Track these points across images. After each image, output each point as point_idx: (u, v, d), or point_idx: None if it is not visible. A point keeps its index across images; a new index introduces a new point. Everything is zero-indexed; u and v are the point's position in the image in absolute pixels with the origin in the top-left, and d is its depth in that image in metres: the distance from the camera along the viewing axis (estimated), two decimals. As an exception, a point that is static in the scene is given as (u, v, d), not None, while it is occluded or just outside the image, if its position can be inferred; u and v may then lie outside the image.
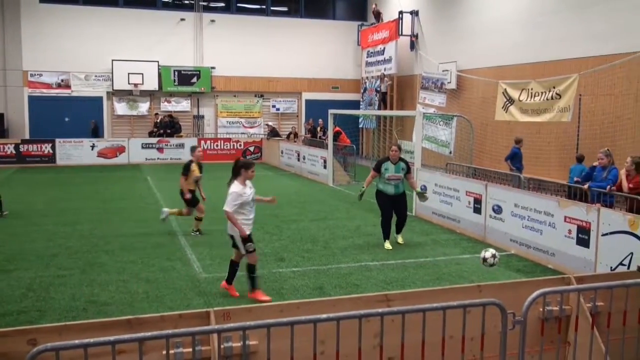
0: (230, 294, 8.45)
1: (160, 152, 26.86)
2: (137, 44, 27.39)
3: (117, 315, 7.19)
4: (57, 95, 27.04)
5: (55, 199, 16.88)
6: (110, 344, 3.93)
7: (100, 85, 27.57)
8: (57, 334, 4.23)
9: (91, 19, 27.03)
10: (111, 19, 27.26)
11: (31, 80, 26.74)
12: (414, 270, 9.84)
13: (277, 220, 13.85)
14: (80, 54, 26.84)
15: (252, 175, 8.23)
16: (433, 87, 23.02)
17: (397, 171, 11.24)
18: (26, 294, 8.48)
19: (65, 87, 27.19)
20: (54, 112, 26.54)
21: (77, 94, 27.29)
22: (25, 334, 4.26)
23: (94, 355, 3.94)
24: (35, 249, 11.03)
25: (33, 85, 26.80)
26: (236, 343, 4.40)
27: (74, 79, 27.21)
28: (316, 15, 30.37)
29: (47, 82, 26.95)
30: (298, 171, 23.13)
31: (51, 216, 14.25)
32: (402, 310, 4.36)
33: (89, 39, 26.91)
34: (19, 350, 4.01)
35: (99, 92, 27.64)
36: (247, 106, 29.74)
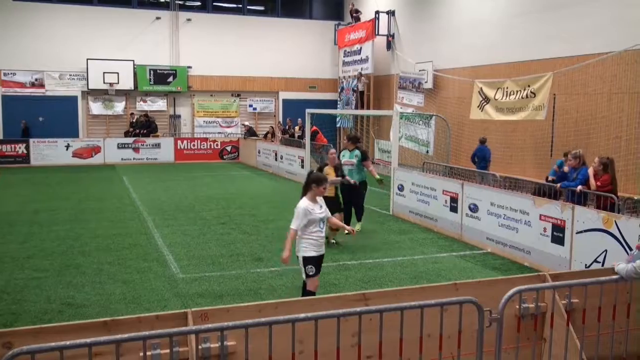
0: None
1: (136, 152, 26.64)
2: (112, 43, 27.09)
3: (94, 317, 7.14)
4: (30, 94, 26.66)
5: (30, 199, 16.66)
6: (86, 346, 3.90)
7: (75, 85, 27.23)
8: (33, 336, 4.19)
9: (66, 17, 26.69)
10: (86, 17, 26.93)
11: (4, 79, 26.30)
12: (392, 268, 9.90)
13: (254, 220, 13.83)
14: (55, 53, 26.48)
15: (323, 192, 7.45)
16: (410, 87, 23.12)
17: (350, 157, 12.33)
18: (0, 297, 8.36)
19: (39, 86, 26.81)
20: (28, 112, 26.16)
21: (52, 94, 26.91)
22: (1, 337, 4.21)
23: (71, 358, 3.91)
24: (9, 250, 10.88)
25: (6, 84, 26.38)
26: (214, 344, 4.39)
27: (48, 78, 26.85)
28: (293, 14, 30.34)
29: (21, 81, 26.54)
30: (276, 171, 23.11)
31: (25, 217, 14.06)
32: (380, 309, 4.39)
33: (63, 37, 26.56)
34: (-6, 353, 3.97)
35: (73, 91, 27.28)
36: (223, 105, 29.61)
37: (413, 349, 4.57)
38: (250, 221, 13.64)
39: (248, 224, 13.30)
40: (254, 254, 10.73)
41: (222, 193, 17.90)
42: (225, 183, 20.47)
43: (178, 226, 13.07)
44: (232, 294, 8.52)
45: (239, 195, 17.55)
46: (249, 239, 11.90)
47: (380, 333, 4.36)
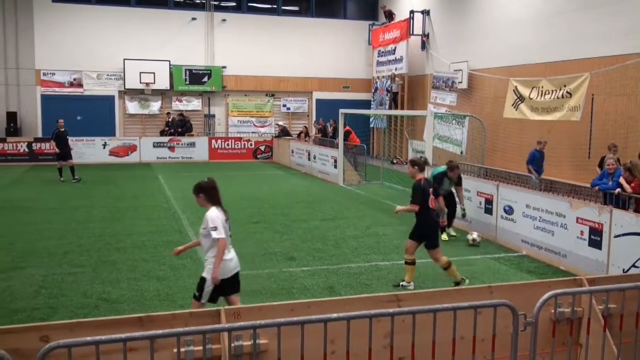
0: None
1: (172, 151, 26.95)
2: (149, 43, 27.47)
3: (129, 312, 7.23)
4: (69, 94, 27.18)
5: (68, 197, 16.96)
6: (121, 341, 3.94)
7: (112, 84, 27.68)
8: (69, 330, 4.26)
9: (104, 18, 27.15)
10: (123, 18, 27.38)
11: (44, 79, 26.90)
12: (425, 270, 9.81)
13: (287, 219, 13.86)
14: (93, 53, 26.96)
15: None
16: (444, 87, 22.95)
17: (450, 185, 12.00)
18: (39, 291, 8.53)
19: (78, 86, 27.32)
20: (67, 111, 26.64)
21: (89, 93, 27.42)
22: (38, 331, 4.29)
23: (106, 352, 3.95)
24: (48, 246, 11.09)
25: (46, 84, 26.95)
26: (247, 342, 4.39)
27: (86, 78, 27.34)
28: (327, 14, 30.36)
29: (60, 81, 27.10)
30: (308, 170, 23.13)
31: (63, 214, 14.32)
32: (413, 311, 4.35)
33: (101, 38, 27.03)
34: (32, 346, 4.04)
35: (111, 91, 27.75)
36: (257, 105, 29.77)
37: (446, 352, 4.51)
38: (282, 220, 13.67)
39: (281, 223, 13.33)
40: (286, 253, 10.75)
41: (255, 192, 17.98)
42: (258, 182, 20.56)
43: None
44: (264, 292, 8.54)
45: (272, 195, 17.60)
46: (281, 238, 11.93)
47: (412, 335, 4.32)
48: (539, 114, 17.10)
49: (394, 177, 20.26)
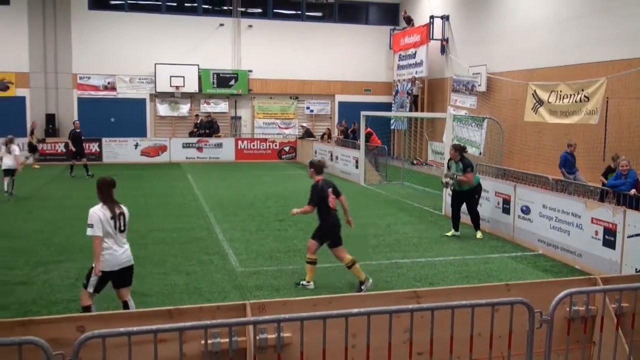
0: None
1: (200, 152, 27.14)
2: (178, 48, 27.67)
3: (158, 305, 7.29)
4: (104, 97, 27.51)
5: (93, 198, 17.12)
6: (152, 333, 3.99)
7: (144, 88, 27.95)
8: (103, 321, 4.33)
9: (136, 25, 27.44)
10: (155, 25, 27.63)
11: (80, 82, 27.25)
12: (443, 268, 9.78)
13: (310, 217, 13.81)
14: (126, 58, 27.26)
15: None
16: (464, 90, 22.80)
17: (457, 170, 11.87)
18: (75, 284, 8.65)
19: (112, 89, 27.63)
20: (101, 113, 26.99)
21: (123, 96, 27.72)
22: (75, 321, 4.36)
23: (137, 343, 4.00)
24: (82, 241, 11.19)
25: (82, 87, 27.31)
26: (271, 335, 4.42)
27: (120, 82, 27.65)
28: (349, 20, 30.31)
29: (95, 85, 27.43)
30: (331, 170, 23.10)
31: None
32: (432, 307, 4.34)
33: (134, 43, 27.32)
34: (69, 336, 4.10)
35: (142, 94, 28.03)
36: (282, 108, 29.84)
37: (463, 348, 4.50)
38: (306, 218, 13.57)
39: (304, 221, 13.29)
40: (309, 250, 10.75)
41: (280, 191, 18.03)
42: (283, 182, 20.61)
43: (238, 222, 13.24)
44: (288, 287, 8.58)
45: (295, 194, 17.61)
46: (305, 236, 11.91)
47: (431, 330, 4.31)
48: (558, 118, 16.92)
49: (414, 177, 20.19)
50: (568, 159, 15.15)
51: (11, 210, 14.61)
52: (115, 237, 6.57)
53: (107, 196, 6.62)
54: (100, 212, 6.54)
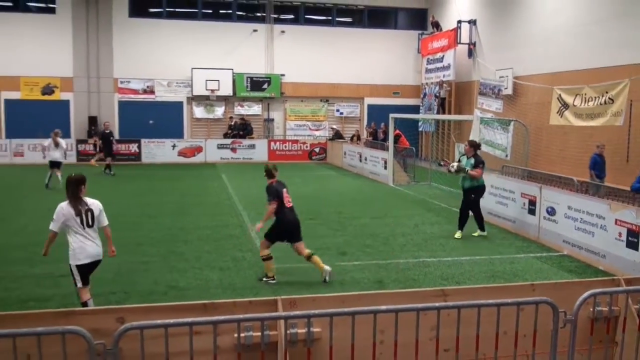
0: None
1: (234, 152, 27.35)
2: (214, 53, 27.93)
3: (194, 299, 7.36)
4: (143, 100, 27.91)
5: (141, 193, 17.41)
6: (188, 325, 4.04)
7: (181, 91, 28.27)
8: (142, 314, 4.39)
9: (174, 32, 27.76)
10: (191, 31, 27.92)
11: (120, 86, 27.69)
12: (470, 267, 9.68)
13: (340, 216, 13.87)
14: (164, 63, 27.61)
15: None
16: (490, 93, 22.55)
17: (467, 164, 11.72)
18: (115, 278, 8.79)
19: (150, 92, 28.02)
20: (140, 115, 27.37)
21: (161, 99, 28.09)
22: (115, 313, 4.43)
23: (173, 335, 4.05)
24: (122, 237, 11.34)
25: (122, 91, 27.75)
26: (301, 329, 4.43)
27: (158, 86, 28.01)
28: (379, 25, 30.21)
29: (135, 89, 27.85)
30: (360, 171, 23.09)
31: (137, 209, 14.70)
32: (458, 305, 4.31)
33: (171, 49, 27.65)
34: (109, 327, 4.18)
35: (179, 97, 28.35)
36: (313, 110, 29.90)
37: (489, 345, 4.46)
38: (336, 217, 13.68)
39: (334, 220, 13.35)
40: (339, 248, 10.76)
41: (310, 191, 18.06)
42: (313, 182, 20.64)
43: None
44: (318, 284, 8.58)
45: (326, 194, 17.66)
46: (334, 234, 11.95)
47: (457, 328, 4.28)
48: (584, 120, 16.63)
49: (442, 178, 20.02)
50: (597, 161, 14.83)
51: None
52: (83, 232, 6.65)
53: (72, 193, 6.66)
54: (65, 208, 6.61)
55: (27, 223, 12.66)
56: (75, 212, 6.59)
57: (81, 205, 6.64)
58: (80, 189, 6.67)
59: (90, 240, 6.69)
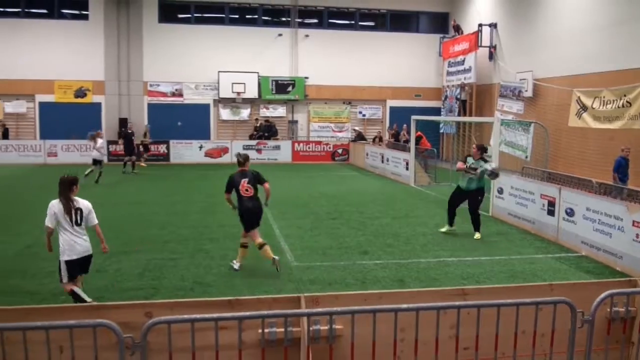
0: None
1: (259, 153, 27.46)
2: (240, 57, 28.07)
3: (219, 295, 7.42)
4: (171, 102, 28.18)
5: (169, 192, 17.56)
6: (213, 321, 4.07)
7: (208, 94, 28.48)
8: (169, 309, 4.45)
9: (201, 36, 27.99)
10: (219, 36, 28.12)
11: (150, 89, 28.01)
12: (489, 267, 9.60)
13: (361, 216, 13.85)
14: (192, 67, 27.84)
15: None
16: (511, 95, 22.33)
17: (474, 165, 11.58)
18: (143, 274, 8.90)
19: (179, 95, 28.28)
20: (169, 117, 27.63)
21: (188, 102, 28.34)
22: (143, 308, 4.49)
23: (200, 329, 4.10)
24: (150, 235, 11.53)
25: (152, 94, 28.06)
26: (324, 326, 4.45)
27: (186, 89, 28.27)
28: (401, 29, 30.09)
29: (164, 91, 28.15)
30: (382, 172, 23.03)
31: (165, 207, 14.84)
32: (478, 305, 4.29)
33: (199, 53, 27.87)
34: (137, 320, 4.23)
35: (206, 99, 28.56)
36: (336, 112, 29.89)
37: (508, 344, 4.42)
38: (357, 217, 13.66)
39: (356, 220, 13.33)
40: (360, 247, 10.74)
41: (333, 191, 18.06)
42: (336, 182, 20.64)
43: (293, 219, 13.33)
44: (340, 282, 8.57)
45: (348, 194, 17.64)
46: (356, 234, 11.94)
47: (477, 327, 4.26)
48: (602, 123, 16.39)
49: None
50: (621, 164, 14.56)
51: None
52: (71, 230, 6.83)
53: (62, 193, 6.83)
54: (56, 206, 6.81)
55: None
56: (66, 210, 6.79)
57: (71, 204, 6.83)
58: (72, 189, 6.87)
59: (79, 238, 6.89)
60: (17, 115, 27.41)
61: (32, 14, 27.46)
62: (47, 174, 22.09)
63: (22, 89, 26.99)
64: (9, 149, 25.91)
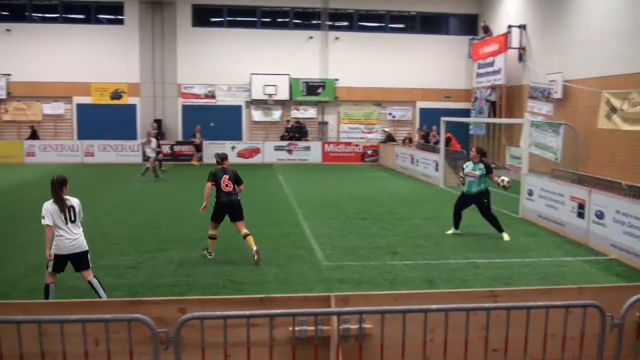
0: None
1: (290, 154, 27.59)
2: (271, 60, 28.24)
3: (251, 293, 7.48)
4: (204, 104, 28.49)
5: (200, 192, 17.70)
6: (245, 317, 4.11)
7: (240, 96, 28.71)
8: (202, 305, 4.49)
9: (234, 39, 28.23)
10: (250, 39, 28.32)
11: (184, 91, 28.36)
12: (519, 269, 9.47)
13: (391, 217, 13.79)
14: (224, 69, 28.11)
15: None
16: (540, 97, 21.99)
17: (474, 169, 11.67)
18: (177, 270, 9.03)
19: (211, 97, 28.58)
20: (202, 119, 27.92)
21: (221, 103, 28.61)
22: (177, 304, 4.55)
23: (232, 326, 4.14)
24: (185, 233, 11.68)
25: (185, 96, 28.42)
26: (353, 325, 4.44)
27: (219, 90, 28.54)
28: (430, 31, 29.89)
29: (197, 93, 28.47)
30: (412, 173, 22.90)
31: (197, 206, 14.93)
32: (508, 307, 4.24)
33: (231, 56, 28.12)
34: (172, 316, 4.30)
35: (238, 101, 28.80)
36: (366, 114, 29.83)
37: (537, 347, 4.37)
38: (387, 218, 13.61)
39: (386, 220, 13.28)
40: (390, 248, 10.70)
41: (362, 192, 18.02)
42: (365, 183, 20.60)
43: (324, 219, 13.34)
44: (369, 282, 8.56)
45: (378, 194, 17.58)
46: (386, 234, 11.90)
47: (507, 329, 4.21)
48: (631, 125, 16.05)
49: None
50: None
51: (126, 204, 15.38)
52: (65, 228, 6.98)
53: (55, 193, 7.00)
54: (51, 206, 6.98)
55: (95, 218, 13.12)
56: (60, 209, 6.97)
57: (63, 203, 7.02)
58: (62, 189, 7.04)
59: (70, 235, 7.03)
60: (55, 117, 28.07)
61: (69, 20, 28.11)
62: (84, 173, 22.56)
63: (60, 91, 27.63)
64: (47, 149, 26.58)
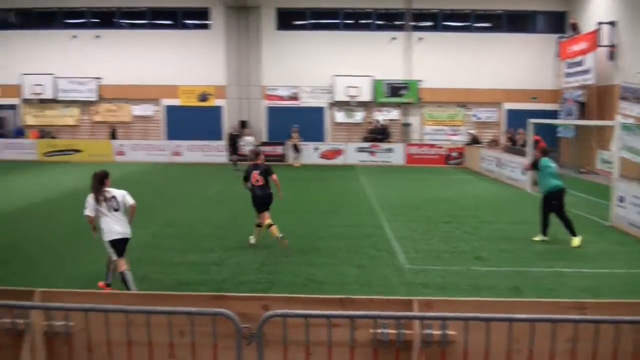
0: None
1: (372, 155, 27.51)
2: (354, 61, 28.29)
3: (331, 293, 7.49)
4: (288, 105, 28.96)
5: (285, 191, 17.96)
6: (326, 317, 4.13)
7: (323, 97, 28.96)
8: (284, 303, 4.56)
9: (317, 42, 28.53)
10: (333, 41, 28.50)
11: (268, 93, 28.96)
12: (608, 280, 8.95)
13: (475, 220, 13.44)
14: (308, 71, 28.46)
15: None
16: (631, 98, 20.72)
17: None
18: (260, 268, 9.22)
19: (295, 99, 29.01)
20: (286, 120, 28.38)
21: (304, 105, 28.98)
22: (260, 300, 4.65)
23: (313, 325, 4.17)
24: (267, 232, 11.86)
25: (270, 97, 29.01)
26: (436, 331, 4.37)
27: (302, 92, 28.93)
28: (517, 29, 28.90)
29: (281, 95, 29.00)
30: (497, 176, 22.23)
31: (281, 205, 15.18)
32: (596, 320, 4.03)
33: (314, 58, 28.43)
34: (255, 312, 4.39)
35: (321, 103, 29.06)
36: (450, 115, 29.27)
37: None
38: (471, 221, 13.26)
39: (470, 224, 12.95)
40: (474, 253, 10.42)
41: (446, 195, 17.65)
42: (449, 186, 20.18)
43: (406, 222, 13.20)
44: (453, 287, 8.37)
45: (461, 197, 17.18)
46: (470, 238, 11.60)
47: (595, 343, 4.00)
48: None
49: (581, 185, 18.75)
50: None
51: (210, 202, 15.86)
52: (109, 215, 7.62)
53: (94, 186, 7.63)
54: (91, 198, 7.63)
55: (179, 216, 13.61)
56: (97, 201, 7.58)
57: (103, 194, 7.61)
58: (103, 182, 7.66)
59: (116, 221, 7.65)
60: (144, 118, 29.46)
61: (157, 25, 29.41)
62: (171, 172, 23.55)
63: (149, 94, 29.03)
64: (136, 148, 27.93)
